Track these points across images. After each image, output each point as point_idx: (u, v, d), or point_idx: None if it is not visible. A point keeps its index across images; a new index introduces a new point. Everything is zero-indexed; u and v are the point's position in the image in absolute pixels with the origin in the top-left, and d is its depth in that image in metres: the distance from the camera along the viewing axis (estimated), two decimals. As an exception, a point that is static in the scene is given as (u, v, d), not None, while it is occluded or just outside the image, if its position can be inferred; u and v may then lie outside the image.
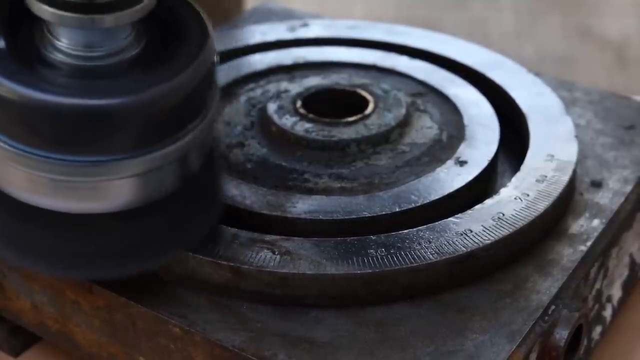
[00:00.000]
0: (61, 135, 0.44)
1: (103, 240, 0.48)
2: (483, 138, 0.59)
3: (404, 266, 0.50)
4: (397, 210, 0.53)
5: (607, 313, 0.58)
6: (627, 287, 0.60)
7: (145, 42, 0.48)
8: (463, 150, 0.58)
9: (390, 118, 0.60)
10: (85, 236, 0.48)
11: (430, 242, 0.51)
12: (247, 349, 0.47)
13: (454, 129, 0.60)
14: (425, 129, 0.60)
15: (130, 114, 0.44)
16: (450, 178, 0.56)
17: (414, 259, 0.50)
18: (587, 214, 0.56)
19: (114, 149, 0.45)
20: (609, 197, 0.57)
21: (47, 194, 0.46)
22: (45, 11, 0.45)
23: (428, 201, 0.54)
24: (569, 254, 0.53)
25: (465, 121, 0.60)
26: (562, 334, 0.50)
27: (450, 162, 0.57)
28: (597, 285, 0.55)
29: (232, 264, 0.50)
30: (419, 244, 0.51)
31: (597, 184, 0.58)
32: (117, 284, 0.50)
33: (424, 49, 0.68)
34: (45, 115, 0.44)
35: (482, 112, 0.61)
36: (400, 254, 0.50)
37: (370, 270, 0.49)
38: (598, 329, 0.57)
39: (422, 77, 0.65)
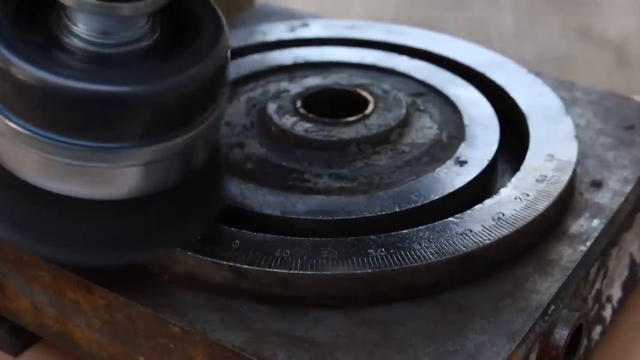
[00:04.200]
0: (72, 120, 0.45)
1: (97, 227, 0.48)
2: (483, 138, 0.59)
3: (404, 266, 0.50)
4: (397, 210, 0.53)
5: (607, 313, 0.58)
6: (627, 287, 0.60)
7: (160, 34, 0.48)
8: (463, 150, 0.58)
9: (390, 118, 0.60)
10: (81, 221, 0.48)
11: (430, 242, 0.51)
12: (247, 348, 0.47)
13: (454, 129, 0.60)
14: (425, 129, 0.60)
15: (140, 102, 0.45)
16: (450, 178, 0.56)
17: (414, 259, 0.50)
18: (587, 214, 0.56)
19: (123, 137, 0.45)
20: (609, 197, 0.57)
21: (55, 177, 0.46)
22: None
23: (428, 201, 0.54)
24: (568, 254, 0.53)
25: (465, 121, 0.60)
26: (562, 334, 0.50)
27: (450, 162, 0.57)
28: (597, 285, 0.55)
29: (232, 264, 0.50)
30: (419, 244, 0.51)
31: (597, 184, 0.58)
32: (117, 283, 0.51)
33: (424, 49, 0.68)
34: (58, 99, 0.44)
35: (482, 112, 0.61)
36: (400, 254, 0.50)
37: (370, 270, 0.49)
38: (598, 329, 0.57)
39: (422, 77, 0.65)
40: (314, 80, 0.64)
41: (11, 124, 0.45)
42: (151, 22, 0.48)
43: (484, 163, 0.57)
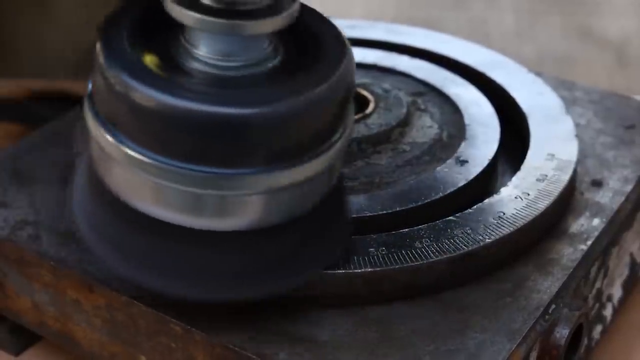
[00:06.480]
0: (194, 145, 0.42)
1: (233, 260, 0.46)
2: (483, 137, 0.59)
3: (404, 265, 0.50)
4: (398, 209, 0.53)
5: (608, 312, 0.58)
6: (628, 286, 0.61)
7: (283, 54, 0.46)
8: (463, 150, 0.58)
9: (391, 117, 0.60)
10: (215, 255, 0.45)
11: (431, 241, 0.51)
12: (248, 348, 0.47)
13: (455, 128, 0.60)
14: (426, 128, 0.60)
15: (267, 125, 0.42)
16: (451, 177, 0.56)
17: (414, 257, 0.50)
18: (587, 213, 0.56)
19: (245, 162, 0.43)
20: (610, 196, 0.57)
21: (176, 207, 0.44)
22: (186, 15, 0.43)
23: (429, 200, 0.54)
24: (569, 253, 0.53)
25: (466, 120, 0.60)
26: (562, 333, 0.50)
27: (450, 162, 0.57)
28: (598, 285, 0.55)
29: (232, 263, 0.50)
30: (420, 242, 0.51)
31: (597, 183, 0.58)
32: (118, 282, 0.51)
33: (425, 49, 0.68)
34: (180, 123, 0.42)
35: (482, 111, 0.61)
36: (401, 253, 0.50)
37: (371, 269, 0.49)
38: (598, 328, 0.57)
39: (422, 76, 0.65)
40: (314, 80, 0.64)
41: (129, 151, 0.43)
42: (275, 42, 0.46)
43: (484, 162, 0.57)
